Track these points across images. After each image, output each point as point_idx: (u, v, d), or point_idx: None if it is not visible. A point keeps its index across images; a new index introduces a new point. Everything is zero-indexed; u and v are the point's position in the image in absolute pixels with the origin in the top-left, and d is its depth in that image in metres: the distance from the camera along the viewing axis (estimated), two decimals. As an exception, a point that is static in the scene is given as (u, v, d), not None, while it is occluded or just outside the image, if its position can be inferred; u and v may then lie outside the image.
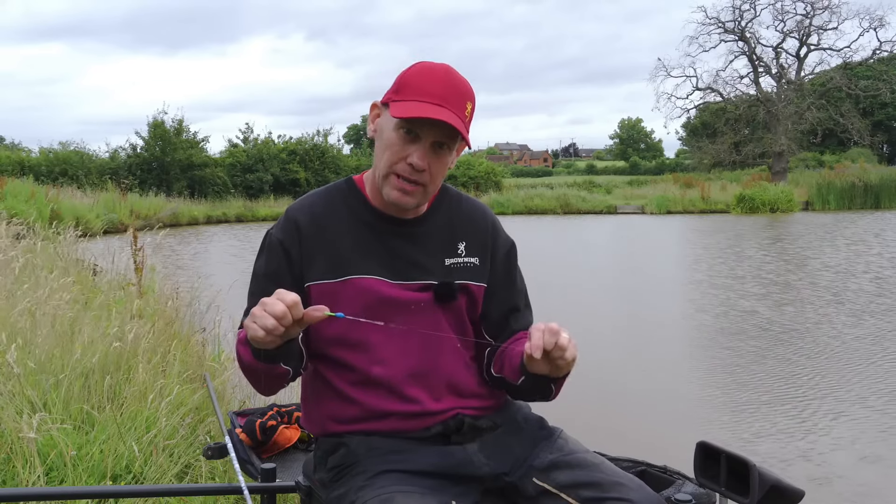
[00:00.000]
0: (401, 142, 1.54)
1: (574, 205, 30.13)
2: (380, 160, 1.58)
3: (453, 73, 1.56)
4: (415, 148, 1.53)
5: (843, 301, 8.88)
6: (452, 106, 1.52)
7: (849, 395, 5.35)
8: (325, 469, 1.60)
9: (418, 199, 1.58)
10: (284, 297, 1.35)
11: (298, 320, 1.36)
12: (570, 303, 9.44)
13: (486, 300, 1.69)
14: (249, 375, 1.55)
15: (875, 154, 45.28)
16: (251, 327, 1.37)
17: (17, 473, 2.78)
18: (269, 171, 33.28)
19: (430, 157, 1.54)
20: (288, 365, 1.50)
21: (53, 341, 3.91)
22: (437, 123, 1.50)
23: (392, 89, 1.57)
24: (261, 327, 1.35)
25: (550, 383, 1.56)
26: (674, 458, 1.83)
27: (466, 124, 1.55)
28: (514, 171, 65.05)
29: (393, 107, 1.53)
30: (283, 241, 1.61)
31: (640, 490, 1.48)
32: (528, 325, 1.72)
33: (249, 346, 1.44)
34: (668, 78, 49.89)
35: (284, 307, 1.34)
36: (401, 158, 1.54)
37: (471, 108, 1.57)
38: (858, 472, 4.07)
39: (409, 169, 1.54)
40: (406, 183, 1.55)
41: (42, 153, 32.61)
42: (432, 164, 1.55)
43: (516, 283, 1.74)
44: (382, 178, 1.57)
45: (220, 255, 15.48)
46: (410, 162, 1.53)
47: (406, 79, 1.55)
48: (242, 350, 1.49)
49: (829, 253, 13.77)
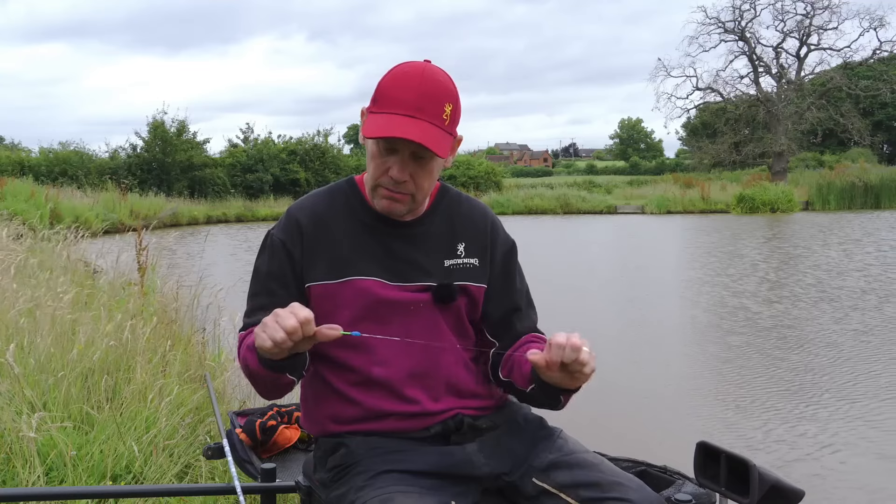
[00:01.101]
0: (380, 155, 1.53)
1: (574, 205, 30.13)
2: (368, 168, 1.58)
3: (429, 76, 1.51)
4: (394, 160, 1.51)
5: (841, 300, 8.88)
6: (427, 114, 1.48)
7: (850, 395, 5.35)
8: (325, 469, 1.60)
9: (408, 206, 1.58)
10: (298, 312, 1.34)
11: (310, 337, 1.35)
12: (570, 303, 9.44)
13: (486, 301, 1.68)
14: (253, 380, 1.54)
15: (875, 154, 45.23)
16: (260, 336, 1.36)
17: (17, 473, 2.78)
18: (269, 172, 33.28)
19: (411, 167, 1.52)
20: (293, 375, 1.50)
21: (53, 341, 3.91)
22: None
23: (372, 97, 1.54)
24: (270, 338, 1.34)
25: (560, 394, 1.54)
26: (674, 458, 1.83)
27: (446, 128, 1.51)
28: (514, 171, 65.02)
29: (366, 123, 1.51)
30: (285, 241, 1.61)
31: (640, 490, 1.48)
32: (531, 325, 1.72)
33: (256, 353, 1.43)
34: (669, 78, 49.90)
35: (297, 323, 1.33)
36: (382, 172, 1.54)
37: (451, 110, 1.52)
38: (859, 472, 4.07)
39: (391, 181, 1.53)
40: (393, 192, 1.54)
41: (42, 153, 32.63)
42: (415, 174, 1.53)
43: (516, 283, 1.73)
44: (371, 190, 1.58)
45: (221, 256, 15.48)
46: (391, 175, 1.52)
47: (382, 88, 1.52)
48: (249, 355, 1.48)
49: (828, 253, 13.78)
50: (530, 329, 1.71)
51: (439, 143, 1.49)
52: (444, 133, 1.51)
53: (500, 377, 1.65)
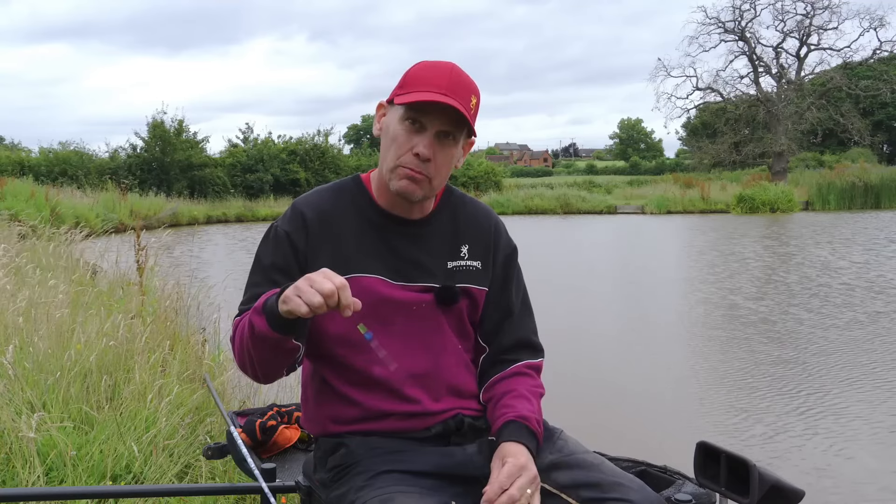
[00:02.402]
0: (406, 133, 1.54)
1: (574, 205, 30.12)
2: (386, 155, 1.58)
3: (458, 69, 1.57)
4: (420, 138, 1.53)
5: (844, 300, 8.88)
6: (458, 97, 1.53)
7: (851, 395, 5.35)
8: (326, 469, 1.60)
9: (425, 190, 1.57)
10: (333, 277, 1.34)
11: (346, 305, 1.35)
12: (570, 303, 9.44)
13: (483, 305, 1.69)
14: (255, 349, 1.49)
15: (875, 154, 45.25)
16: (293, 300, 1.34)
17: (17, 473, 2.78)
18: (269, 172, 33.26)
19: (435, 146, 1.54)
20: (299, 341, 1.48)
21: (52, 341, 3.91)
22: (443, 109, 1.51)
23: (397, 86, 1.59)
24: (306, 303, 1.33)
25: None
26: (674, 458, 1.83)
27: (471, 116, 1.56)
28: (514, 171, 65.04)
29: (398, 100, 1.55)
30: (290, 233, 1.60)
31: (640, 490, 1.48)
32: (525, 334, 1.71)
33: (265, 316, 1.42)
34: (669, 78, 49.95)
35: (334, 287, 1.33)
36: (407, 150, 1.54)
37: (475, 102, 1.57)
38: (860, 472, 4.07)
39: (416, 160, 1.54)
40: (415, 172, 1.55)
41: (42, 153, 32.62)
42: (438, 154, 1.55)
43: (512, 289, 1.72)
44: (390, 172, 1.57)
45: (220, 255, 15.48)
46: (416, 152, 1.53)
47: (411, 74, 1.57)
48: (257, 319, 1.45)
49: (828, 252, 13.78)
50: (523, 339, 1.70)
51: (472, 122, 1.56)
52: (472, 117, 1.55)
53: (481, 395, 1.67)
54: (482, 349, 1.69)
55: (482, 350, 1.69)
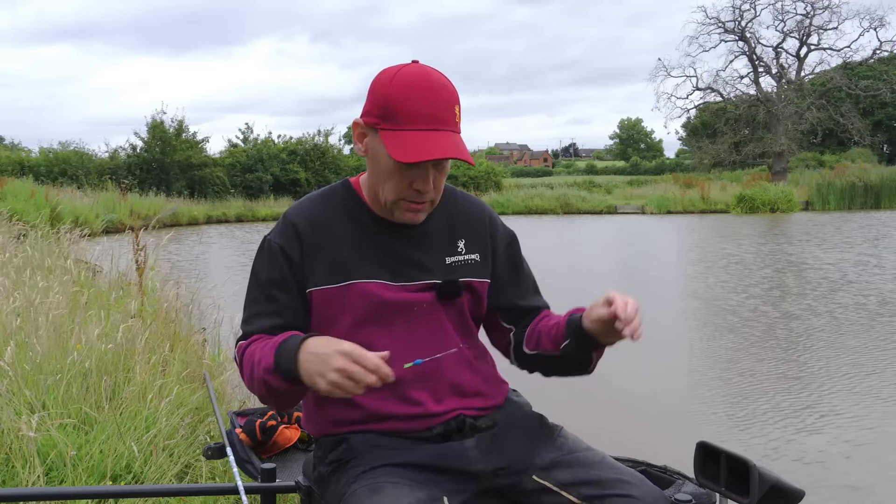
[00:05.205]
0: (400, 171, 1.51)
1: (574, 205, 30.13)
2: (382, 185, 1.55)
3: (434, 81, 1.49)
4: (417, 174, 1.51)
5: (846, 300, 8.88)
6: (446, 123, 1.48)
7: (851, 396, 5.35)
8: (325, 464, 1.60)
9: (428, 212, 1.60)
10: (366, 362, 1.36)
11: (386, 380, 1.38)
12: (570, 303, 9.40)
13: (496, 294, 1.70)
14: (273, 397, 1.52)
15: (875, 154, 45.25)
16: (335, 393, 1.37)
17: (17, 473, 2.77)
18: (268, 172, 33.25)
19: (434, 174, 1.53)
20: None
21: (52, 341, 3.91)
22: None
23: (376, 111, 1.50)
24: (350, 393, 1.37)
25: (591, 352, 1.59)
26: (674, 458, 1.83)
27: (459, 129, 1.53)
28: (514, 171, 65.08)
29: (388, 144, 1.47)
30: (283, 245, 1.59)
31: (642, 486, 1.48)
32: (545, 306, 1.77)
33: (280, 375, 1.43)
34: (669, 78, 49.96)
35: (376, 379, 1.36)
36: (406, 186, 1.53)
37: (458, 111, 1.52)
38: (860, 472, 4.07)
39: (417, 194, 1.54)
40: (418, 204, 1.56)
41: (42, 153, 32.61)
42: (436, 179, 1.54)
43: (524, 272, 1.76)
44: (391, 203, 1.56)
45: (220, 255, 15.48)
46: (417, 188, 1.52)
47: (391, 101, 1.47)
48: (269, 378, 1.46)
49: (827, 253, 13.78)
50: (545, 307, 1.76)
51: (467, 151, 1.53)
52: (461, 138, 1.54)
53: (527, 352, 1.68)
54: (507, 331, 1.73)
55: (507, 332, 1.73)
